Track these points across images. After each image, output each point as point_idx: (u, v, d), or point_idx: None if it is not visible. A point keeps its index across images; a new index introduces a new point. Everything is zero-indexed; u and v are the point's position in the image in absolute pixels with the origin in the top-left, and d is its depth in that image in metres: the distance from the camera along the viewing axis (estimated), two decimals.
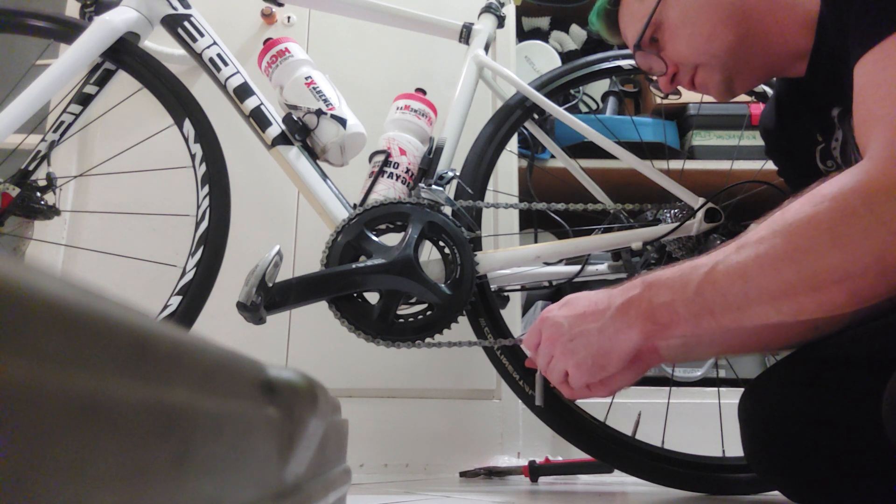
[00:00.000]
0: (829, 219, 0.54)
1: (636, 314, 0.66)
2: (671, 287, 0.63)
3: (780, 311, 0.58)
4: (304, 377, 0.32)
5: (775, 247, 0.56)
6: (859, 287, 0.54)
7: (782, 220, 0.57)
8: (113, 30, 1.09)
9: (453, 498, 0.84)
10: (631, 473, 0.99)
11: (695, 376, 1.41)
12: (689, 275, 0.62)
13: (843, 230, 0.53)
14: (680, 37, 0.83)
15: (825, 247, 0.54)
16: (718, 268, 0.60)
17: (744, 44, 0.79)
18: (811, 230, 0.55)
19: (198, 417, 0.20)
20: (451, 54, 1.28)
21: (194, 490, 0.20)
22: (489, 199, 1.22)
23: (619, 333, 0.67)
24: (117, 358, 0.16)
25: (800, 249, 0.55)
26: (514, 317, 1.35)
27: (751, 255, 0.58)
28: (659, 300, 0.64)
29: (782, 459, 0.75)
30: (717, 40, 0.80)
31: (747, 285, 0.58)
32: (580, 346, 0.70)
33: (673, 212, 1.07)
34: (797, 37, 0.77)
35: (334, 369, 1.33)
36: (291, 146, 1.04)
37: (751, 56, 0.81)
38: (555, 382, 0.77)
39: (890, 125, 0.55)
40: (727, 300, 0.59)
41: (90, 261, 1.36)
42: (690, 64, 0.85)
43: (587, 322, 0.70)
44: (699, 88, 0.87)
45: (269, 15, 1.54)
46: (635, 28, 0.88)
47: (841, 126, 0.77)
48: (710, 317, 0.61)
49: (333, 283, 0.93)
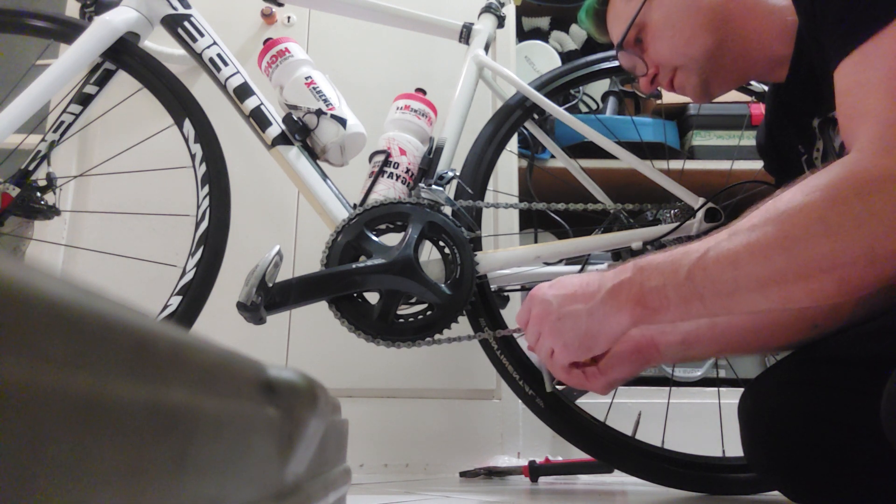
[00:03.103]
0: (821, 208, 0.54)
1: (626, 297, 0.66)
2: (662, 271, 0.64)
3: (769, 298, 0.59)
4: (304, 377, 0.32)
5: (766, 234, 0.57)
6: (849, 276, 0.54)
7: (774, 209, 0.58)
8: (113, 30, 1.09)
9: (453, 498, 0.84)
10: (631, 473, 0.99)
11: (695, 376, 1.41)
12: (680, 260, 0.63)
13: (834, 219, 0.53)
14: (661, 39, 0.86)
15: (816, 236, 0.54)
16: (709, 254, 0.60)
17: (721, 48, 0.82)
18: (802, 219, 0.55)
19: (198, 417, 0.20)
20: (451, 54, 1.28)
21: (194, 490, 0.20)
22: (489, 199, 1.22)
23: (608, 317, 0.67)
24: (117, 358, 0.16)
25: (790, 237, 0.55)
26: (514, 317, 1.35)
27: (742, 242, 0.58)
28: (650, 284, 0.64)
29: (782, 459, 0.76)
30: (696, 44, 0.83)
31: (737, 271, 0.58)
32: (568, 326, 0.71)
33: (673, 212, 1.07)
34: (776, 43, 0.79)
35: (334, 369, 1.33)
36: (291, 146, 1.04)
37: (728, 60, 0.83)
38: (541, 358, 0.78)
39: (877, 119, 0.56)
40: (717, 286, 0.60)
41: (90, 261, 1.36)
42: (670, 66, 0.87)
43: (577, 302, 0.70)
44: (677, 90, 0.90)
45: (269, 15, 1.54)
46: (620, 28, 0.91)
47: (821, 136, 0.78)
48: (700, 302, 0.61)
49: (333, 283, 0.93)
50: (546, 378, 0.92)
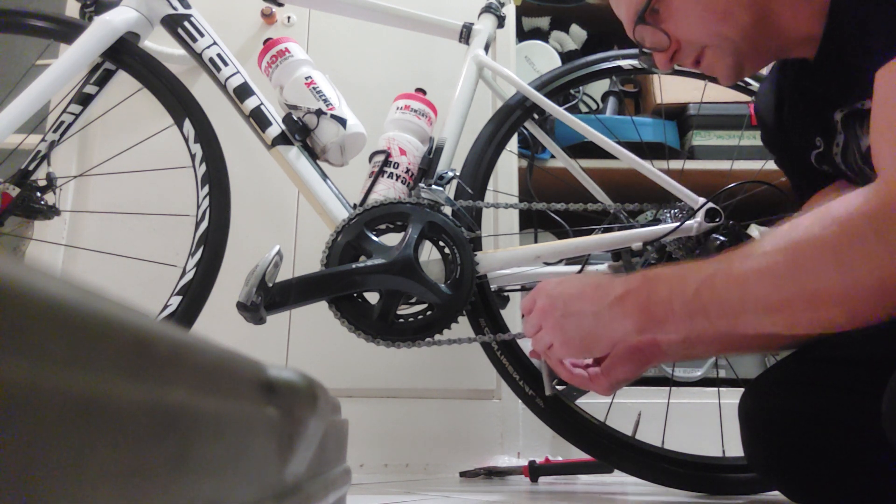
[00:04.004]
0: (836, 243, 0.53)
1: (633, 306, 0.66)
2: (670, 285, 0.64)
3: (775, 323, 0.59)
4: (304, 377, 0.32)
5: (778, 262, 0.56)
6: (858, 309, 0.54)
7: (789, 237, 0.57)
8: (113, 30, 1.09)
9: (453, 498, 0.84)
10: (631, 473, 0.99)
11: (695, 376, 1.41)
12: (689, 275, 0.63)
13: (848, 255, 0.52)
14: (689, 14, 0.75)
15: (828, 270, 0.53)
16: (719, 273, 0.60)
17: (758, 27, 0.72)
18: (817, 251, 0.54)
19: (198, 417, 0.20)
20: (451, 54, 1.28)
21: (194, 490, 0.20)
22: (489, 199, 1.22)
23: (613, 322, 0.68)
24: (117, 358, 0.16)
25: (802, 269, 0.55)
26: (514, 317, 1.35)
27: (753, 266, 0.58)
28: (657, 296, 0.64)
29: (782, 459, 0.76)
30: (732, 21, 0.73)
31: (745, 294, 0.58)
32: (571, 325, 0.71)
33: (673, 212, 1.07)
34: (809, 21, 0.71)
35: (334, 369, 1.33)
36: (291, 146, 1.04)
37: (764, 39, 0.74)
38: (538, 350, 0.78)
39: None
40: (723, 306, 0.60)
41: (90, 261, 1.36)
42: (698, 44, 0.77)
43: (584, 303, 0.70)
44: (704, 70, 0.80)
45: (269, 15, 1.54)
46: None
47: (844, 130, 0.74)
48: (705, 318, 0.61)
49: (333, 283, 0.93)
50: (546, 381, 0.92)
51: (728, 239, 0.99)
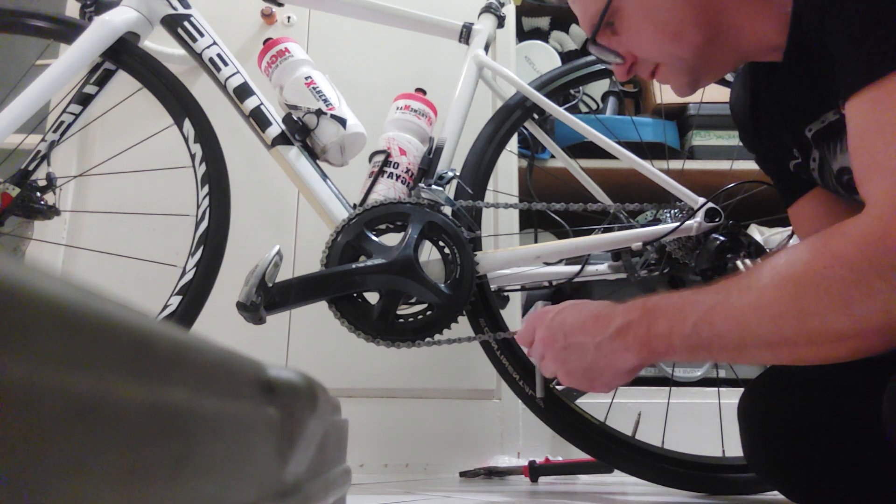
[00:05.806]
0: (840, 283, 0.52)
1: (633, 339, 0.65)
2: (669, 319, 0.63)
3: (778, 356, 0.59)
4: (304, 377, 0.32)
5: (778, 300, 0.55)
6: (862, 345, 0.53)
7: (789, 272, 0.55)
8: (113, 30, 1.09)
9: (453, 498, 0.84)
10: (631, 473, 0.99)
11: (695, 376, 1.41)
12: (687, 309, 0.62)
13: (852, 296, 0.51)
14: (643, 32, 0.74)
15: (833, 311, 0.52)
16: (717, 309, 0.59)
17: (713, 44, 0.71)
18: (820, 292, 0.53)
19: (198, 417, 0.20)
20: (451, 54, 1.28)
21: (194, 490, 0.20)
22: (489, 199, 1.22)
23: (615, 353, 0.67)
24: (117, 358, 0.16)
25: (804, 310, 0.53)
26: (514, 317, 1.35)
27: (751, 303, 0.57)
28: (656, 330, 0.64)
29: (782, 459, 0.76)
30: (685, 42, 0.71)
31: (744, 332, 0.57)
32: (574, 356, 0.70)
33: (673, 212, 1.07)
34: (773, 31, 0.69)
35: (334, 369, 1.33)
36: (291, 146, 1.04)
37: (719, 55, 0.73)
38: (547, 376, 0.78)
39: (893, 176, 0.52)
40: (723, 341, 0.59)
41: (90, 261, 1.36)
42: (652, 61, 0.76)
43: (585, 335, 0.70)
44: (660, 82, 0.79)
45: (269, 15, 1.54)
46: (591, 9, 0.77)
47: (817, 147, 0.73)
48: (706, 352, 0.61)
49: (333, 283, 0.93)
50: (539, 383, 0.93)
51: (728, 239, 0.99)
